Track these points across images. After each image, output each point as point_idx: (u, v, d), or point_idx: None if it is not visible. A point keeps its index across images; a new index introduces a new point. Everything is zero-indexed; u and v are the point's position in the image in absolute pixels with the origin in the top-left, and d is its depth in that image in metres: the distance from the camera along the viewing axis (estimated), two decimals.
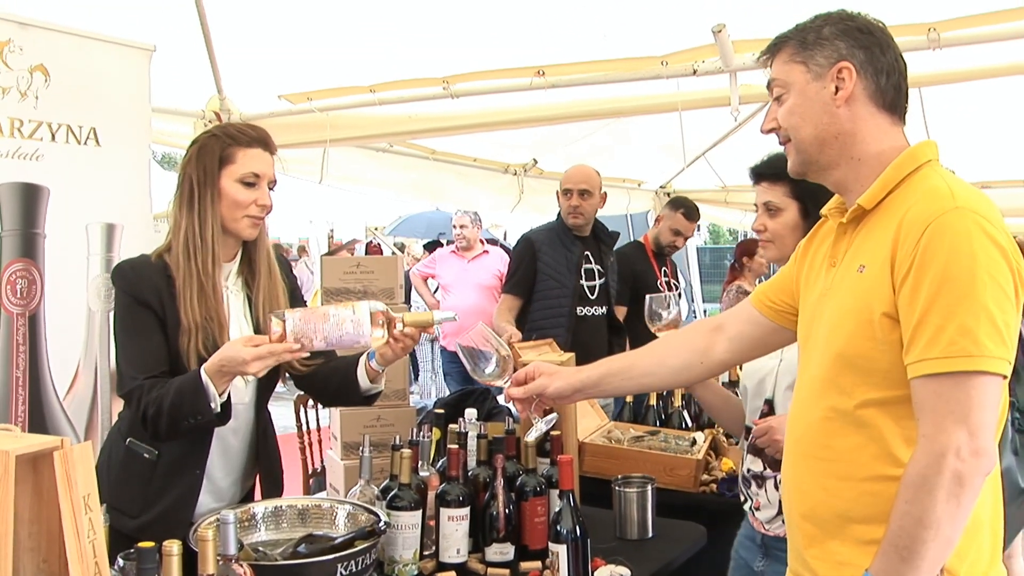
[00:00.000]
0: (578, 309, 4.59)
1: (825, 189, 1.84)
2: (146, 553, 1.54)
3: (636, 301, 4.99)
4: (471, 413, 2.84)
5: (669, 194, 7.21)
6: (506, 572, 2.41)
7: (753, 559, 2.55)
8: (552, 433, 2.59)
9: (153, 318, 2.30)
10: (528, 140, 5.92)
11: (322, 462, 4.57)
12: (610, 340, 4.73)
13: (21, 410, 3.07)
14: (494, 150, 6.11)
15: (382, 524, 2.16)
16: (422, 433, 2.61)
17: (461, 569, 2.40)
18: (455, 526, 2.39)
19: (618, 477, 2.87)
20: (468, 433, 2.65)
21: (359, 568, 2.02)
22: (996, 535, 1.68)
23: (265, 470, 2.55)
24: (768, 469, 2.50)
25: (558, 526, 2.27)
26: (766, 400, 2.58)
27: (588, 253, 4.68)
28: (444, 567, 2.39)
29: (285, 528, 2.29)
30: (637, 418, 3.87)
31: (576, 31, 3.93)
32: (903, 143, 1.74)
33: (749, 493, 2.58)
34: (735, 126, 5.60)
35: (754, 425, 2.51)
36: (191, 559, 1.63)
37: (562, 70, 3.88)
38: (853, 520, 1.67)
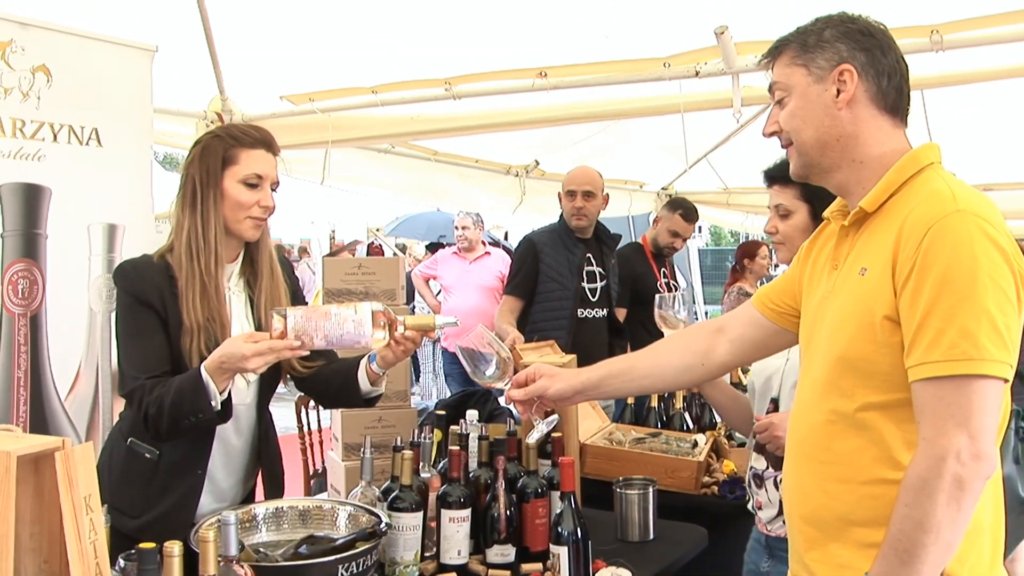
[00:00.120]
0: (579, 311, 4.59)
1: None
2: (147, 554, 1.54)
3: (635, 303, 4.99)
4: (472, 415, 2.84)
5: (671, 196, 7.18)
6: (507, 574, 2.41)
7: (760, 560, 2.56)
8: (553, 435, 2.59)
9: (155, 318, 2.30)
10: (530, 141, 5.92)
11: (323, 463, 4.56)
12: (611, 342, 4.72)
13: (23, 410, 3.07)
14: (496, 151, 6.11)
15: (383, 525, 2.15)
16: (423, 434, 2.61)
17: (462, 570, 2.39)
18: (456, 527, 2.39)
19: (619, 479, 2.87)
20: (469, 435, 2.65)
21: (360, 569, 2.02)
22: (997, 539, 1.68)
23: (266, 471, 2.55)
24: (770, 468, 2.50)
25: (559, 528, 2.27)
26: (772, 399, 2.59)
27: (590, 255, 4.68)
28: (445, 568, 2.38)
29: (286, 529, 2.29)
30: (638, 420, 3.87)
31: (578, 32, 3.93)
32: (905, 145, 1.74)
33: (751, 493, 2.58)
34: (737, 128, 5.60)
35: (756, 421, 2.52)
36: (192, 560, 1.62)
37: (564, 71, 3.88)
38: (854, 523, 1.67)
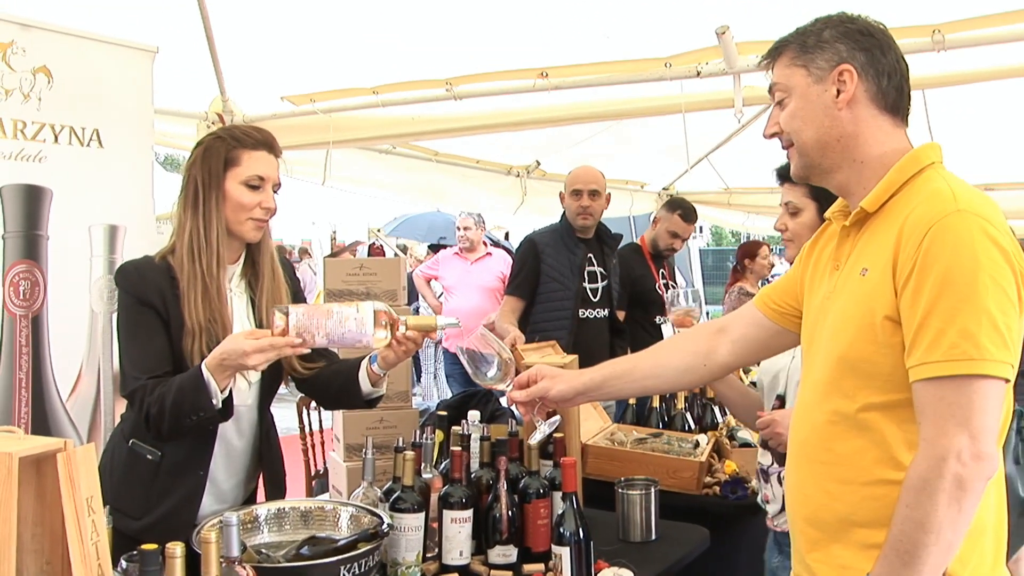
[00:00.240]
0: (580, 311, 4.58)
1: None
2: (149, 555, 1.54)
3: (634, 305, 4.98)
4: (474, 415, 2.83)
5: (672, 196, 7.18)
6: (509, 574, 2.41)
7: (772, 556, 2.59)
8: (555, 435, 2.59)
9: (156, 319, 2.30)
10: (531, 142, 5.92)
11: (324, 464, 4.56)
12: (612, 342, 4.72)
13: (24, 411, 3.07)
14: (497, 152, 6.11)
15: (385, 526, 2.15)
16: (425, 435, 2.61)
17: (464, 571, 2.39)
18: (458, 528, 2.39)
19: (621, 479, 2.87)
20: (471, 435, 2.64)
21: (362, 570, 2.02)
22: (999, 540, 1.68)
23: (268, 472, 2.55)
24: (775, 464, 2.51)
25: (561, 528, 2.27)
26: (778, 396, 2.60)
27: (591, 255, 4.68)
28: (447, 569, 2.38)
29: (288, 530, 2.29)
30: (640, 420, 3.86)
31: (579, 33, 3.93)
32: (906, 145, 1.74)
33: (760, 486, 2.60)
34: (738, 128, 5.60)
35: (759, 418, 2.53)
36: (194, 561, 1.62)
37: (565, 72, 3.88)
38: (855, 524, 1.66)
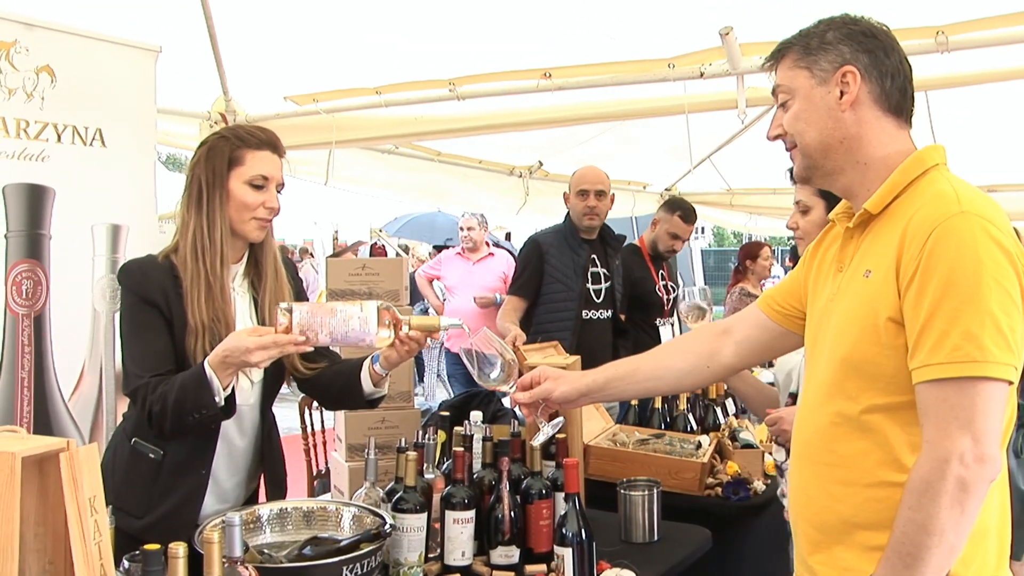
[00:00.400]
0: (584, 312, 4.57)
1: None
2: (152, 556, 1.54)
3: (634, 307, 4.98)
4: (476, 416, 2.83)
5: (670, 196, 7.14)
6: (511, 575, 2.41)
7: (791, 550, 2.59)
8: (557, 436, 2.59)
9: (159, 318, 2.30)
10: (533, 142, 5.92)
11: (326, 464, 4.57)
12: (615, 344, 4.71)
13: (26, 411, 3.07)
14: (499, 152, 6.11)
15: (388, 527, 2.15)
16: (427, 435, 2.61)
17: (466, 572, 2.39)
18: (460, 529, 2.38)
19: (623, 480, 2.87)
20: (473, 436, 2.64)
21: (365, 570, 2.02)
22: (1003, 542, 1.68)
23: (269, 472, 2.55)
24: (789, 459, 2.53)
25: (563, 529, 2.27)
26: (791, 394, 2.60)
27: (595, 256, 4.67)
28: (449, 570, 2.38)
29: (290, 530, 2.29)
30: (642, 421, 3.86)
31: (583, 33, 3.93)
32: (909, 147, 1.74)
33: (780, 480, 2.61)
34: (741, 129, 5.59)
35: (767, 415, 2.53)
36: (196, 561, 1.62)
37: (569, 72, 3.88)
38: (858, 526, 1.66)
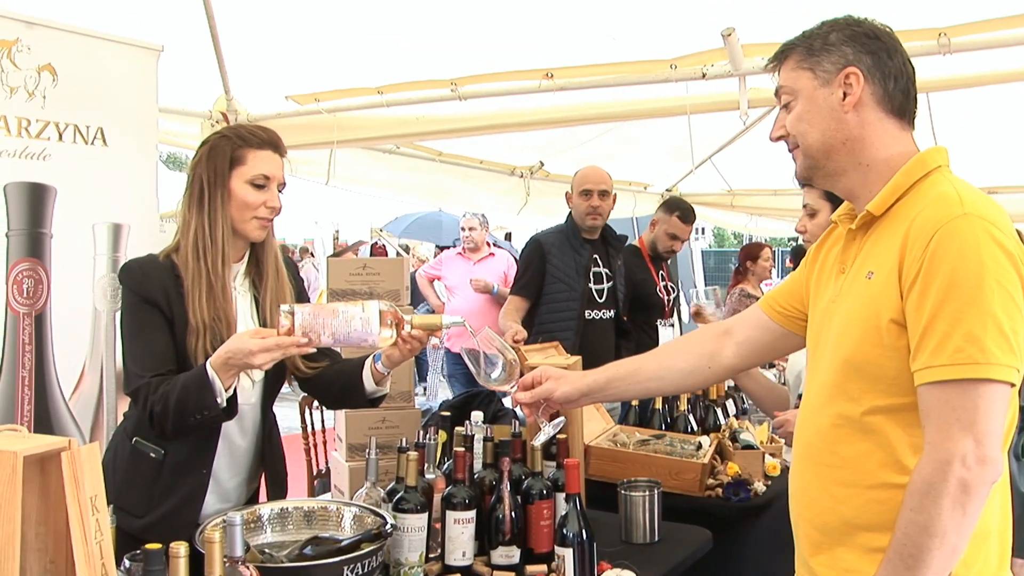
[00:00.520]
0: (586, 312, 4.56)
1: None
2: (153, 555, 1.54)
3: (635, 309, 4.97)
4: (477, 416, 2.83)
5: (669, 196, 7.12)
6: (511, 575, 2.41)
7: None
8: (558, 436, 2.58)
9: (160, 317, 2.30)
10: (534, 142, 5.92)
11: (326, 463, 4.56)
12: (617, 344, 4.71)
13: (27, 410, 3.07)
14: (500, 152, 6.11)
15: (388, 527, 2.15)
16: (428, 435, 2.60)
17: (467, 572, 2.38)
18: (461, 529, 2.38)
19: (624, 481, 2.86)
20: (474, 436, 2.64)
21: (365, 570, 2.02)
22: (1004, 544, 1.68)
23: (270, 471, 2.55)
24: None
25: (564, 529, 2.27)
26: (799, 395, 2.60)
27: (597, 256, 4.67)
28: (450, 570, 2.38)
29: (291, 530, 2.29)
30: (643, 422, 3.85)
31: (585, 34, 3.93)
32: (912, 148, 1.74)
33: None
34: (742, 129, 5.59)
35: (774, 417, 2.54)
36: (197, 561, 1.62)
37: (571, 73, 3.88)
38: (860, 528, 1.66)
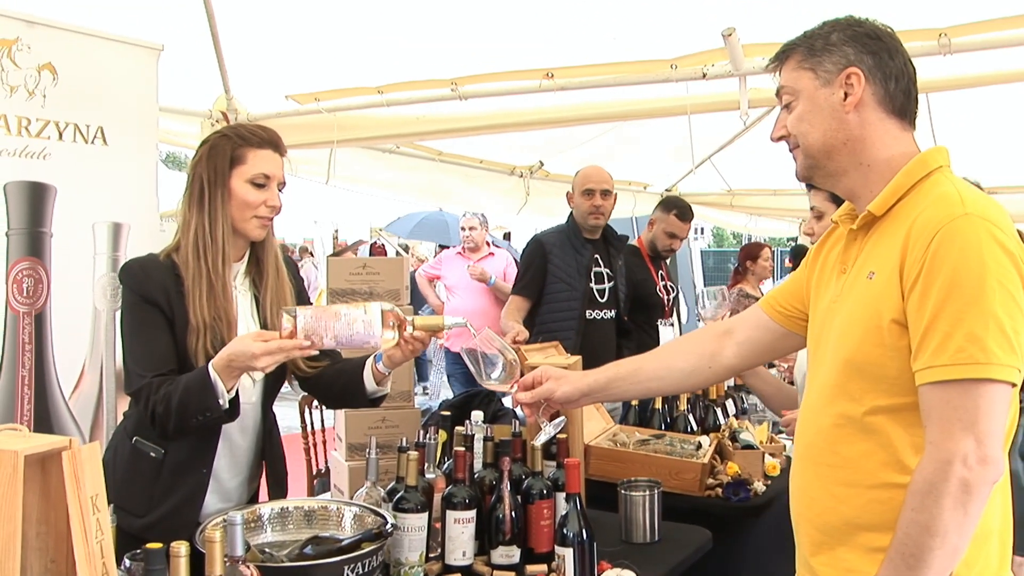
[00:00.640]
0: (587, 312, 4.56)
1: None
2: (154, 554, 1.54)
3: (636, 309, 4.97)
4: (477, 415, 2.83)
5: (667, 196, 7.10)
6: (511, 575, 2.41)
7: None
8: (558, 436, 2.58)
9: (161, 316, 2.30)
10: (534, 142, 5.92)
11: (326, 463, 4.56)
12: (619, 344, 4.70)
13: (27, 409, 3.07)
14: (500, 152, 6.11)
15: (389, 526, 2.15)
16: (428, 435, 2.60)
17: (467, 571, 2.39)
18: (461, 528, 2.38)
19: (624, 480, 2.86)
20: (474, 435, 2.64)
21: (366, 570, 2.02)
22: (1005, 544, 1.68)
23: (270, 471, 2.55)
24: None
25: (564, 529, 2.27)
26: None
27: (598, 256, 4.66)
28: (450, 569, 2.38)
29: (291, 529, 2.29)
30: (643, 421, 3.86)
31: (586, 34, 3.93)
32: (913, 149, 1.74)
33: None
34: (742, 129, 5.60)
35: (781, 417, 2.54)
36: (198, 560, 1.62)
37: (571, 72, 3.88)
38: (861, 527, 1.66)
